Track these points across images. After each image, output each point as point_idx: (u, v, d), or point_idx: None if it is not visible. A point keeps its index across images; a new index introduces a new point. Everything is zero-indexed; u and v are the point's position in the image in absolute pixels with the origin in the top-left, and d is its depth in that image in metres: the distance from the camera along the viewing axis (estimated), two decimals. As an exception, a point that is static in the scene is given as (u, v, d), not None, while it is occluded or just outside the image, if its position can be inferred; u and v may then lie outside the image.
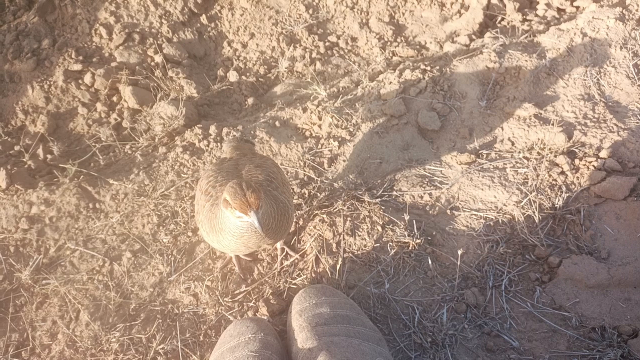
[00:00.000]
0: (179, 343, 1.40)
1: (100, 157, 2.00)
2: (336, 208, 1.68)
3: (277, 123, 2.01)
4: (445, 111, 1.92)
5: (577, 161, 1.69)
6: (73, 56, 2.30)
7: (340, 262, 1.51)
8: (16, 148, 2.08)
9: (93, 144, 2.03)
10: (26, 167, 1.99)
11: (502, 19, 2.48)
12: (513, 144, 1.81)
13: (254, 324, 1.30)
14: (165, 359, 1.38)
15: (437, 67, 2.09)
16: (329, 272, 1.50)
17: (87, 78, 2.25)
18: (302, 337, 1.25)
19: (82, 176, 1.87)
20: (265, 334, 1.29)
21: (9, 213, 1.78)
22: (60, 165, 1.93)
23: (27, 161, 2.01)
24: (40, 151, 2.05)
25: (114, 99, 2.25)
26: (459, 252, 1.43)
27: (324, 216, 1.66)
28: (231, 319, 1.43)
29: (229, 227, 1.27)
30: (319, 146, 1.91)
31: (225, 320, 1.44)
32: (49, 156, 2.04)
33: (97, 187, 1.84)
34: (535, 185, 1.64)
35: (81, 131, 2.17)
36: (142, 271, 1.60)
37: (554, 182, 1.65)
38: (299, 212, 1.68)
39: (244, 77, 2.38)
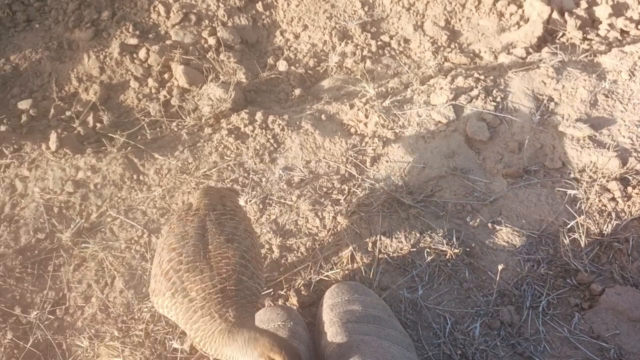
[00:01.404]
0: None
1: (148, 131, 2.03)
2: (375, 207, 1.66)
3: (323, 116, 2.01)
4: (495, 123, 1.88)
5: (629, 189, 1.64)
6: (130, 30, 2.35)
7: (375, 262, 1.49)
8: (67, 113, 2.14)
9: (142, 117, 2.07)
10: (75, 132, 2.05)
11: (562, 35, 2.41)
12: (564, 164, 1.76)
13: (284, 312, 1.31)
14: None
15: (491, 77, 2.05)
16: (362, 271, 1.49)
17: (142, 53, 2.29)
18: (332, 331, 1.24)
19: (129, 147, 1.91)
20: (295, 324, 1.29)
21: (56, 175, 1.83)
22: (109, 134, 1.98)
23: (77, 127, 2.07)
24: (90, 119, 2.11)
25: (165, 76, 2.29)
26: (499, 267, 1.40)
27: (362, 214, 1.65)
28: (264, 303, 1.44)
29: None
30: (363, 144, 1.89)
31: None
32: (98, 125, 2.09)
33: (142, 159, 1.87)
34: (584, 208, 1.59)
35: (131, 104, 2.21)
36: (178, 247, 1.61)
37: (603, 208, 1.60)
38: (337, 207, 1.67)
39: (293, 68, 2.38)
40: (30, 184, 1.82)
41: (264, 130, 1.95)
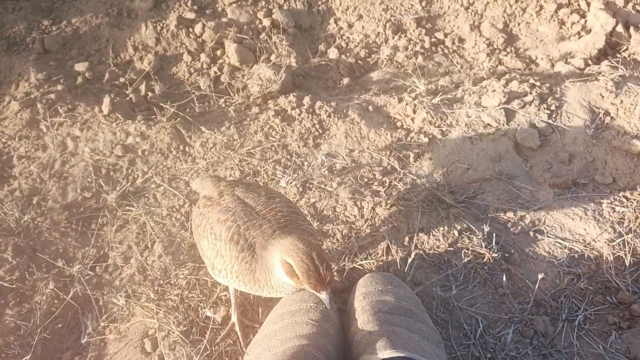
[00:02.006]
0: (238, 294, 1.43)
1: (197, 104, 2.07)
2: (415, 203, 1.65)
3: (370, 107, 2.00)
4: (547, 131, 1.84)
5: (682, 213, 1.58)
6: (189, 4, 2.39)
7: (411, 257, 1.48)
8: (121, 80, 2.20)
9: (192, 90, 2.11)
10: (127, 99, 2.10)
11: (625, 50, 2.33)
12: (615, 180, 1.70)
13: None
14: (226, 306, 1.41)
15: (547, 85, 2.00)
16: (397, 264, 1.49)
17: (198, 28, 2.32)
18: (363, 319, 1.24)
19: (178, 118, 1.95)
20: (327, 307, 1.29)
21: (106, 138, 1.89)
22: (159, 104, 2.02)
23: (130, 94, 2.12)
24: (142, 87, 2.15)
25: (218, 52, 2.32)
26: (539, 275, 1.37)
27: (401, 208, 1.64)
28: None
29: (281, 287, 1.18)
30: (408, 139, 1.88)
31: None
32: (149, 94, 2.14)
33: (189, 131, 1.91)
34: (633, 227, 1.54)
35: (182, 77, 2.25)
36: (217, 220, 1.64)
37: (652, 229, 1.55)
38: (376, 198, 1.67)
39: (343, 57, 2.38)
40: (81, 143, 1.88)
41: (310, 115, 1.96)
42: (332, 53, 2.37)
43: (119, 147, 1.85)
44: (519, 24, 2.46)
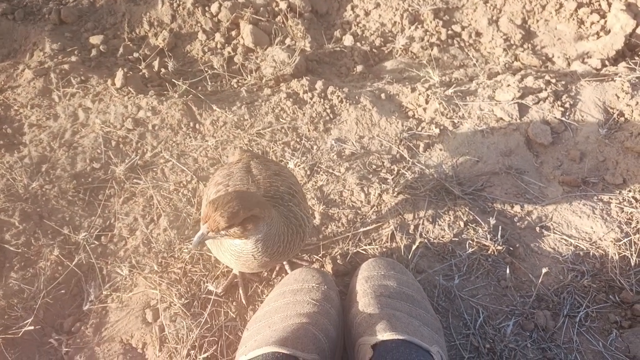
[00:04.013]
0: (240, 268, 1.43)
1: (209, 83, 2.07)
2: (422, 192, 1.65)
3: (382, 95, 1.99)
4: (559, 128, 1.82)
5: (692, 217, 1.56)
6: (206, -17, 2.38)
7: (415, 244, 1.48)
8: (135, 55, 2.20)
9: (205, 69, 2.11)
10: (140, 74, 2.10)
11: (644, 52, 2.30)
12: (625, 181, 1.69)
13: (319, 275, 1.32)
14: (227, 281, 1.42)
15: (563, 83, 1.98)
16: (401, 251, 1.49)
17: (214, 7, 2.32)
18: (364, 301, 1.24)
19: (189, 96, 1.95)
20: (329, 288, 1.30)
21: (117, 111, 1.89)
22: (172, 80, 2.02)
23: (143, 69, 2.12)
24: (155, 63, 2.15)
25: (233, 33, 2.31)
26: (543, 270, 1.36)
27: (408, 196, 1.64)
28: (299, 262, 1.45)
29: (227, 243, 1.14)
30: (419, 129, 1.87)
31: (291, 263, 1.46)
32: (162, 70, 2.14)
33: (201, 109, 1.91)
34: (640, 228, 1.53)
35: (195, 55, 2.25)
36: (224, 197, 1.65)
37: (660, 231, 1.54)
38: (384, 185, 1.66)
39: (358, 44, 2.36)
40: (92, 115, 1.89)
41: (322, 100, 1.96)
42: (347, 40, 2.36)
43: (130, 121, 1.85)
44: (537, 20, 2.43)
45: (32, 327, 1.31)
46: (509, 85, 1.97)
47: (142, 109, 1.89)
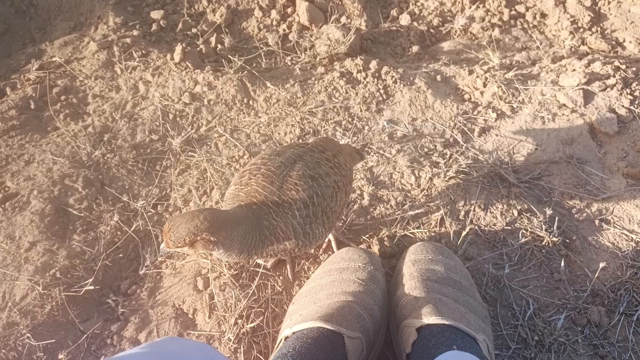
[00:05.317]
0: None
1: (263, 60, 2.08)
2: (475, 178, 1.61)
3: (438, 77, 1.94)
4: (627, 118, 1.72)
5: None
6: (264, -41, 2.37)
7: (465, 230, 1.45)
8: (193, 30, 2.24)
9: (260, 46, 2.12)
10: (198, 49, 2.14)
11: None
12: (697, 176, 1.58)
13: (366, 255, 1.32)
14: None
15: (633, 69, 1.86)
16: (450, 236, 1.46)
17: (271, -17, 2.32)
18: (410, 284, 1.24)
19: (244, 72, 1.97)
20: (375, 268, 1.30)
21: (175, 85, 1.94)
22: (228, 56, 2.05)
23: (200, 45, 2.16)
24: (213, 39, 2.19)
25: (288, 10, 2.31)
26: (600, 265, 1.31)
27: (460, 182, 1.60)
28: (346, 242, 1.46)
29: None
30: (475, 112, 1.82)
31: (338, 242, 1.47)
32: (219, 46, 2.17)
33: (254, 85, 1.93)
34: None
35: (251, 32, 2.27)
36: (274, 174, 1.67)
37: None
38: (435, 169, 1.63)
39: (415, 24, 2.30)
40: (152, 88, 1.95)
41: (375, 80, 1.93)
42: (404, 19, 2.31)
43: (187, 95, 1.90)
44: (609, 2, 2.29)
45: (92, 287, 1.39)
46: (574, 70, 1.87)
47: (199, 84, 1.93)
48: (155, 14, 2.29)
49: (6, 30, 2.30)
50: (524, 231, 1.46)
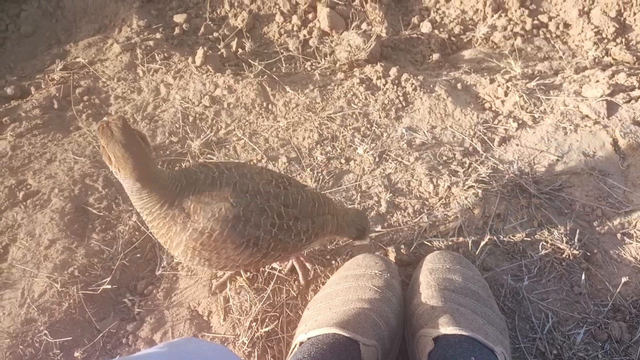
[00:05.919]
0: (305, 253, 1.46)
1: (283, 65, 2.09)
2: (494, 188, 1.59)
3: (458, 85, 1.93)
4: (652, 130, 1.69)
5: None
6: (286, -35, 2.39)
7: (484, 241, 1.44)
8: (215, 34, 2.27)
9: (281, 51, 2.13)
10: (219, 53, 2.16)
11: None
12: None
13: (383, 262, 1.31)
14: (291, 263, 1.45)
15: (659, 81, 1.83)
16: (468, 246, 1.44)
17: (293, -11, 2.33)
18: (427, 293, 1.22)
19: (264, 76, 1.98)
20: (391, 276, 1.29)
21: (196, 87, 1.96)
22: (248, 60, 2.07)
23: (221, 49, 2.18)
24: (234, 43, 2.21)
25: (309, 16, 2.32)
26: (623, 279, 1.28)
27: (479, 191, 1.59)
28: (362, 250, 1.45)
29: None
30: (496, 122, 1.80)
31: (353, 247, 1.46)
32: (240, 50, 2.19)
33: (274, 90, 1.94)
34: None
35: (272, 37, 2.28)
36: (292, 178, 1.67)
37: None
38: (454, 178, 1.62)
39: (436, 31, 2.30)
40: (173, 91, 1.97)
41: (395, 87, 1.93)
42: (425, 27, 2.30)
43: (207, 98, 1.91)
44: (634, 13, 2.25)
45: (109, 286, 1.41)
46: (597, 81, 1.84)
47: (219, 87, 1.94)
48: (178, 18, 2.31)
49: (33, 32, 2.34)
50: (544, 243, 1.44)
